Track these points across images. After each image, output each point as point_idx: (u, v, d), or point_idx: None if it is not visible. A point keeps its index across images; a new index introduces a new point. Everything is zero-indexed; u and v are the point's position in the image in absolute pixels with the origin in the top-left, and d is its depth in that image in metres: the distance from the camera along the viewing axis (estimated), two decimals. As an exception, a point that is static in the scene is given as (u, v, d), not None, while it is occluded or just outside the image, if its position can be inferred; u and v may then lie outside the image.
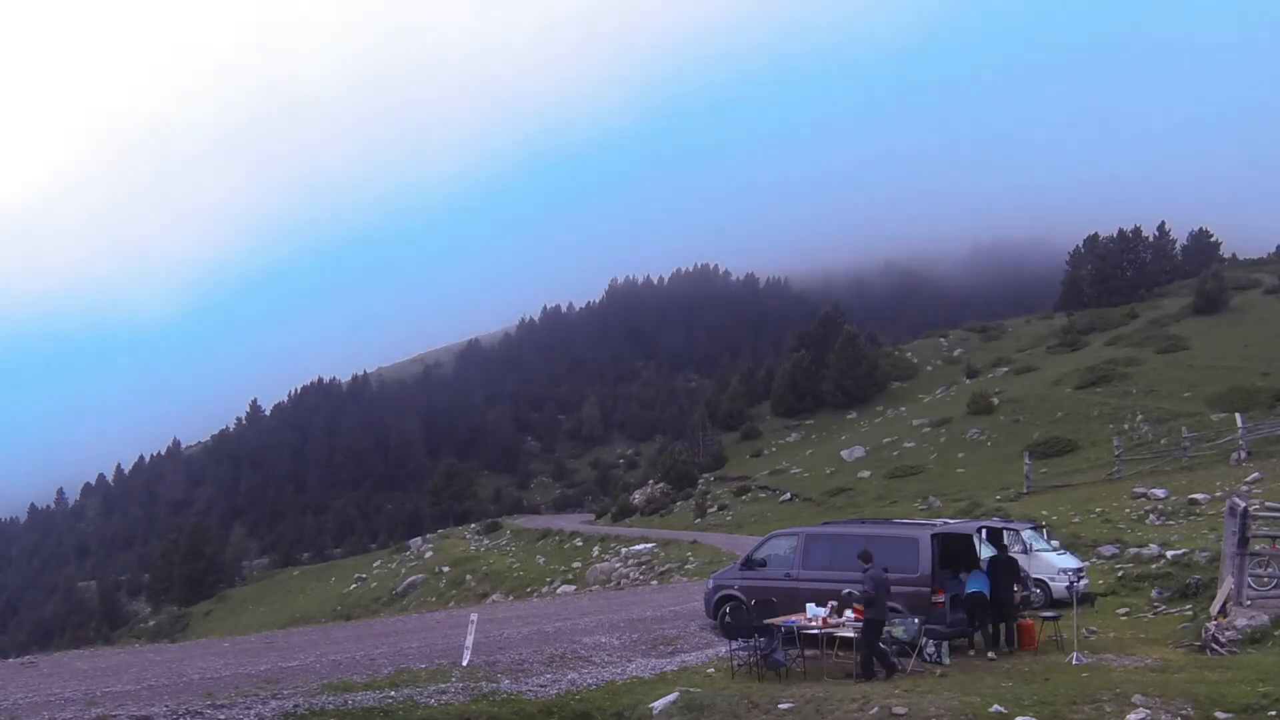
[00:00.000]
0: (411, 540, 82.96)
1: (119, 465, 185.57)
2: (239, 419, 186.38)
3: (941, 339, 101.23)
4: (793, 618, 16.66)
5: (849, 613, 16.24)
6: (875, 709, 13.24)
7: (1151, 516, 31.17)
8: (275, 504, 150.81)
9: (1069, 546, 25.69)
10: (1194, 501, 31.53)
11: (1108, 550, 26.83)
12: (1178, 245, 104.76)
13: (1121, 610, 20.90)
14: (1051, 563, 22.27)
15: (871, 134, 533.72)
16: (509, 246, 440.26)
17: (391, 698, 14.77)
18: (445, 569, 59.41)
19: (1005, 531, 20.07)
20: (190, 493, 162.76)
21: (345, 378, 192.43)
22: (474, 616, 19.11)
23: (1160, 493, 34.01)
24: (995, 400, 63.06)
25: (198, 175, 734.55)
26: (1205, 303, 74.09)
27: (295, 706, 14.16)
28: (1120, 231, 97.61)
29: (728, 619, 19.57)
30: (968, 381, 76.68)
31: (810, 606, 16.74)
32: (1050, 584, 21.74)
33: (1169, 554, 24.31)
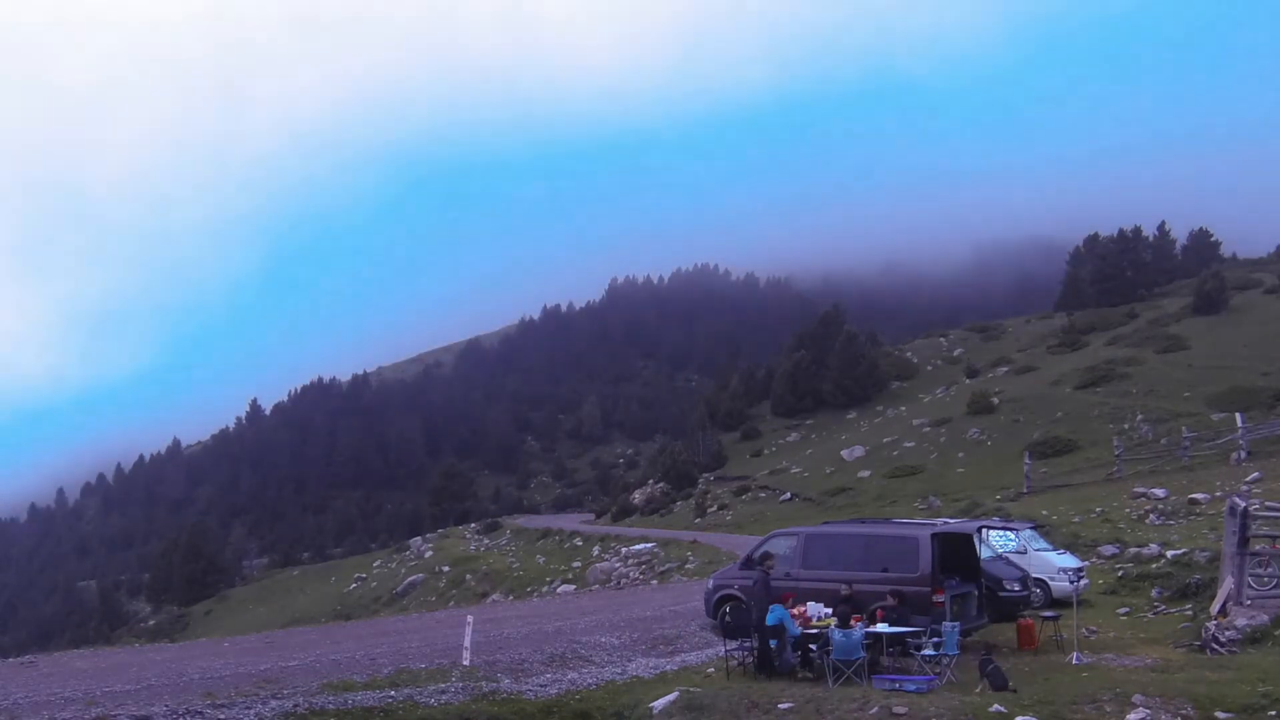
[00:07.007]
0: (411, 540, 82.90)
1: (119, 465, 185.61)
2: (239, 419, 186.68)
3: (941, 339, 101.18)
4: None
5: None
6: (875, 709, 13.26)
7: (1151, 516, 31.18)
8: (275, 504, 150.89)
9: (1069, 546, 25.70)
10: (1194, 501, 31.53)
11: (1108, 550, 26.86)
12: (1178, 245, 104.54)
13: (1121, 610, 20.91)
14: (1051, 562, 22.26)
15: (872, 134, 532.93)
16: (509, 246, 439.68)
17: (391, 697, 14.78)
18: (445, 569, 59.47)
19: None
20: (190, 493, 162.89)
21: (345, 378, 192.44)
22: (470, 618, 19.11)
23: (1160, 493, 33.98)
24: (995, 400, 63.04)
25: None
26: (1205, 303, 74.00)
27: (295, 706, 14.17)
28: (1120, 231, 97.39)
29: (728, 619, 19.58)
30: (968, 381, 76.65)
31: (811, 605, 16.77)
32: (1050, 583, 21.74)
33: (1169, 554, 24.34)
